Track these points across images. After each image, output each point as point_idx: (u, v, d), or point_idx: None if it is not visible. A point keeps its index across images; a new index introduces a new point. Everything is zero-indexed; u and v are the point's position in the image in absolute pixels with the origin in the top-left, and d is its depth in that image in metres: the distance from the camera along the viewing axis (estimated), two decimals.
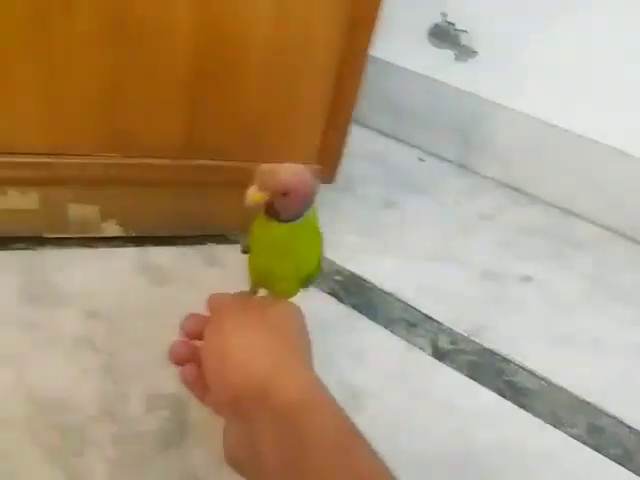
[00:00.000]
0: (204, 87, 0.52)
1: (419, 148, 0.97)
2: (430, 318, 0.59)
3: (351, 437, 0.27)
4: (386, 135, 0.97)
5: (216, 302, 0.38)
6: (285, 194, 0.33)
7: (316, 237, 0.38)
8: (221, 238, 0.65)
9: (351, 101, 0.58)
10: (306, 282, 0.40)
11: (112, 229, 0.61)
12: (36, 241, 0.58)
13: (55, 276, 0.54)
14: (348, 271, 0.64)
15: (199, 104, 0.52)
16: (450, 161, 0.95)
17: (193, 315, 0.38)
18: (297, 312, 0.37)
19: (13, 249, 0.57)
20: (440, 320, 0.59)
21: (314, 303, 0.58)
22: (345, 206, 0.75)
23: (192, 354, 0.37)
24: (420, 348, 0.55)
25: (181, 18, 0.47)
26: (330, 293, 0.60)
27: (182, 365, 0.37)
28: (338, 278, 0.63)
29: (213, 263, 0.62)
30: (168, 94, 0.51)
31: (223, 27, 0.48)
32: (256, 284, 0.41)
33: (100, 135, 0.52)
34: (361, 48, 0.54)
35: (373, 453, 0.27)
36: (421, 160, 0.94)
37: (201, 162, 0.56)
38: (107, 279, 0.55)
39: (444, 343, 0.57)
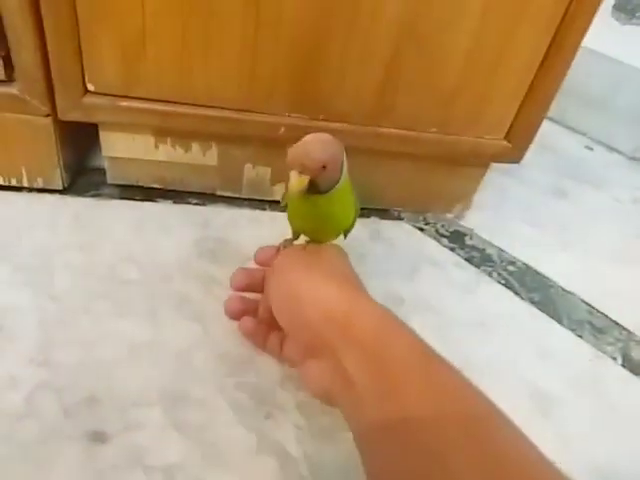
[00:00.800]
0: (406, 48, 0.48)
1: (585, 135, 0.88)
2: (619, 325, 0.53)
3: (431, 356, 0.29)
4: (548, 118, 0.89)
5: (266, 254, 0.41)
6: (324, 168, 0.34)
7: (350, 195, 0.39)
8: (384, 213, 0.63)
9: (559, 76, 0.52)
10: (345, 233, 0.42)
11: (281, 193, 0.60)
12: (209, 198, 0.59)
13: (229, 234, 0.54)
14: (522, 262, 0.59)
15: (397, 66, 0.49)
16: (621, 152, 0.85)
17: (241, 270, 0.42)
18: (343, 252, 0.39)
19: (188, 203, 0.58)
20: (631, 329, 0.53)
21: (488, 293, 0.54)
22: (512, 191, 0.69)
23: (246, 307, 0.41)
24: (612, 357, 0.49)
25: None
26: (504, 285, 0.55)
27: (238, 319, 0.41)
28: (511, 269, 0.58)
29: (377, 237, 0.59)
30: (367, 53, 0.48)
31: None
32: (297, 232, 0.42)
33: (292, 94, 0.50)
34: (584, 17, 0.48)
35: (454, 368, 0.28)
36: (589, 148, 0.85)
37: (385, 130, 0.53)
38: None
39: (638, 355, 0.50)
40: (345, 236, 0.42)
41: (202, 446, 0.36)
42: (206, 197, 0.59)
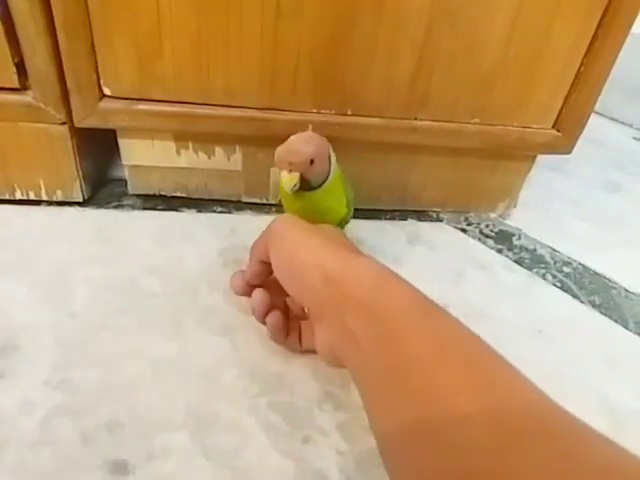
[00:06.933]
0: (439, 30, 0.44)
1: (632, 126, 0.82)
2: None
3: (425, 304, 0.29)
4: None
5: (240, 281, 0.41)
6: (312, 163, 0.36)
7: (341, 186, 0.41)
8: (422, 214, 0.58)
9: (608, 61, 0.47)
10: (341, 224, 0.44)
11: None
12: (235, 205, 0.56)
13: None
14: (578, 262, 0.53)
15: (430, 50, 0.45)
16: None
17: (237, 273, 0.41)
18: (338, 228, 0.39)
19: (213, 211, 0.55)
20: None
21: (544, 297, 0.49)
22: (560, 187, 0.64)
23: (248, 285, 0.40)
24: None
25: None
26: (560, 287, 0.50)
27: (242, 294, 0.40)
28: (567, 270, 0.52)
29: (415, 241, 0.55)
30: (397, 37, 0.44)
31: None
32: None
33: (317, 87, 0.46)
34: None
35: (448, 314, 0.28)
36: (637, 140, 0.79)
37: (421, 123, 0.49)
38: None
39: None
40: (342, 227, 0.44)
41: (234, 475, 0.32)
42: (232, 205, 0.56)
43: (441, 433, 0.23)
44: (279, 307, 0.39)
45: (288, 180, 0.36)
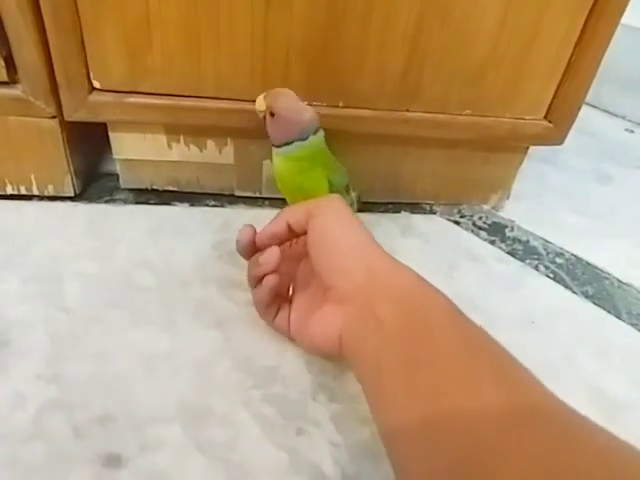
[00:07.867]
0: (430, 21, 0.44)
1: (625, 118, 0.82)
2: None
3: (458, 310, 0.30)
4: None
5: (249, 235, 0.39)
6: (272, 115, 0.40)
7: (315, 172, 0.42)
8: (415, 206, 0.58)
9: (599, 51, 0.47)
10: None
11: None
12: (228, 199, 0.56)
13: None
14: (570, 253, 0.53)
15: (421, 42, 0.45)
16: None
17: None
18: None
19: (206, 205, 0.54)
20: None
21: (536, 288, 0.49)
22: (552, 179, 0.64)
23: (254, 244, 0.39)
24: None
25: None
26: (553, 278, 0.50)
27: (245, 246, 0.39)
28: (559, 261, 0.52)
29: (409, 233, 0.55)
30: (388, 29, 0.44)
31: None
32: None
33: (308, 78, 0.46)
34: None
35: (487, 332, 0.29)
36: (629, 131, 0.79)
37: (413, 115, 0.49)
38: None
39: None
40: None
41: (227, 467, 0.32)
42: (225, 198, 0.55)
43: (460, 418, 0.24)
44: None
45: (258, 101, 0.41)
